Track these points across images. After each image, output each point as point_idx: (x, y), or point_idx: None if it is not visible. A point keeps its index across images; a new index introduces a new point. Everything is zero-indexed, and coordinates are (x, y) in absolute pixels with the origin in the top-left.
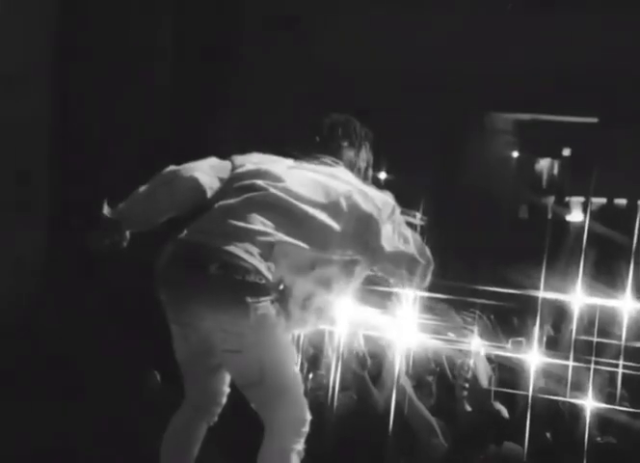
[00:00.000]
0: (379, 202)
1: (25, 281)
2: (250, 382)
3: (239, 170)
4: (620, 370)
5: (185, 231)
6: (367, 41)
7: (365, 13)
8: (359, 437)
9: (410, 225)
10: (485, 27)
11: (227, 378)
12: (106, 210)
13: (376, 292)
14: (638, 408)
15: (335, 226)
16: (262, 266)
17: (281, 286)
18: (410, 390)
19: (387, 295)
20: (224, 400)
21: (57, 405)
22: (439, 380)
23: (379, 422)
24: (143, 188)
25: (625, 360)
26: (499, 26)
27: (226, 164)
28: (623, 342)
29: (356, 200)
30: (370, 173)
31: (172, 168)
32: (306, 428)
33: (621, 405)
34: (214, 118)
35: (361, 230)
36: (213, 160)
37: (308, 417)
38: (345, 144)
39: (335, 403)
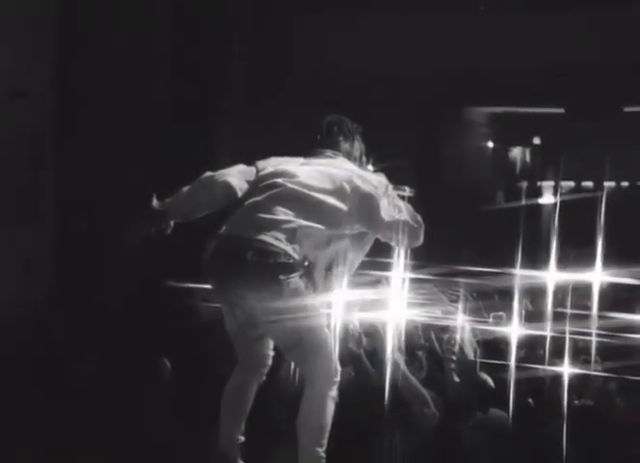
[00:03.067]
0: (375, 182)
1: (33, 280)
2: (289, 345)
3: (262, 172)
4: (593, 338)
5: (224, 227)
6: (350, 44)
7: (347, 17)
8: (357, 410)
9: (400, 197)
10: (460, 28)
11: (271, 344)
12: (155, 203)
13: (368, 277)
14: (611, 372)
15: (343, 206)
16: (289, 249)
17: (306, 263)
18: (402, 365)
19: (379, 279)
20: (269, 362)
21: (73, 397)
22: (428, 354)
23: (375, 395)
24: (185, 188)
25: (597, 328)
26: (474, 27)
27: (252, 169)
28: (595, 313)
29: (356, 183)
30: (364, 159)
31: (208, 174)
32: (338, 378)
33: (595, 370)
34: (210, 124)
35: (364, 206)
36: (241, 166)
37: (339, 368)
38: (341, 138)
39: None
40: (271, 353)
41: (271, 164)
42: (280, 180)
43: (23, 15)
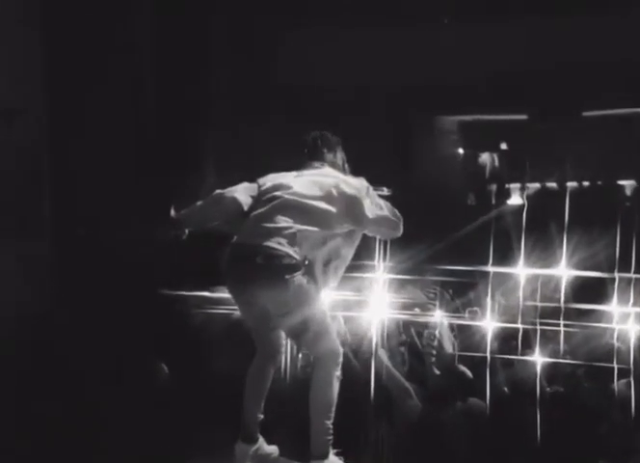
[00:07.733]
0: (357, 185)
1: (32, 288)
2: (298, 333)
3: (263, 188)
4: (561, 329)
5: (235, 237)
6: (326, 57)
7: (321, 32)
8: (345, 403)
9: (380, 196)
10: (430, 41)
11: (283, 334)
12: (172, 213)
13: (352, 278)
14: (578, 360)
15: (332, 209)
16: (291, 251)
17: (306, 262)
18: (386, 360)
19: (362, 280)
20: (282, 349)
21: (77, 399)
22: (410, 349)
23: (362, 389)
24: (199, 203)
25: (564, 319)
26: (443, 40)
27: (254, 185)
28: (562, 305)
29: (342, 188)
30: (347, 167)
31: (219, 191)
32: (341, 359)
33: (564, 359)
34: (197, 135)
35: (350, 208)
36: (245, 184)
37: (342, 350)
38: (325, 150)
39: None
40: (283, 342)
41: (269, 179)
42: (278, 193)
43: (11, 32)
